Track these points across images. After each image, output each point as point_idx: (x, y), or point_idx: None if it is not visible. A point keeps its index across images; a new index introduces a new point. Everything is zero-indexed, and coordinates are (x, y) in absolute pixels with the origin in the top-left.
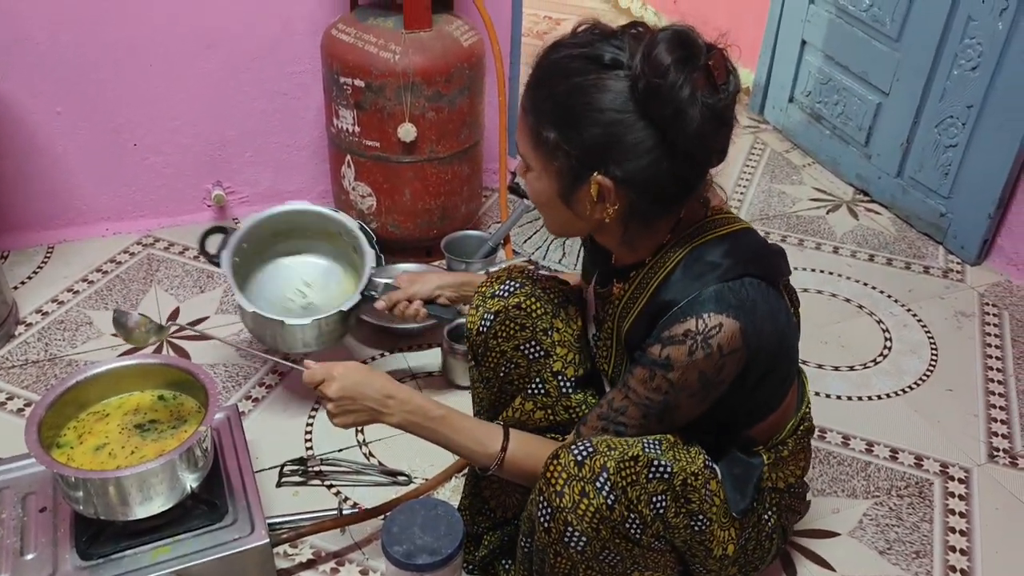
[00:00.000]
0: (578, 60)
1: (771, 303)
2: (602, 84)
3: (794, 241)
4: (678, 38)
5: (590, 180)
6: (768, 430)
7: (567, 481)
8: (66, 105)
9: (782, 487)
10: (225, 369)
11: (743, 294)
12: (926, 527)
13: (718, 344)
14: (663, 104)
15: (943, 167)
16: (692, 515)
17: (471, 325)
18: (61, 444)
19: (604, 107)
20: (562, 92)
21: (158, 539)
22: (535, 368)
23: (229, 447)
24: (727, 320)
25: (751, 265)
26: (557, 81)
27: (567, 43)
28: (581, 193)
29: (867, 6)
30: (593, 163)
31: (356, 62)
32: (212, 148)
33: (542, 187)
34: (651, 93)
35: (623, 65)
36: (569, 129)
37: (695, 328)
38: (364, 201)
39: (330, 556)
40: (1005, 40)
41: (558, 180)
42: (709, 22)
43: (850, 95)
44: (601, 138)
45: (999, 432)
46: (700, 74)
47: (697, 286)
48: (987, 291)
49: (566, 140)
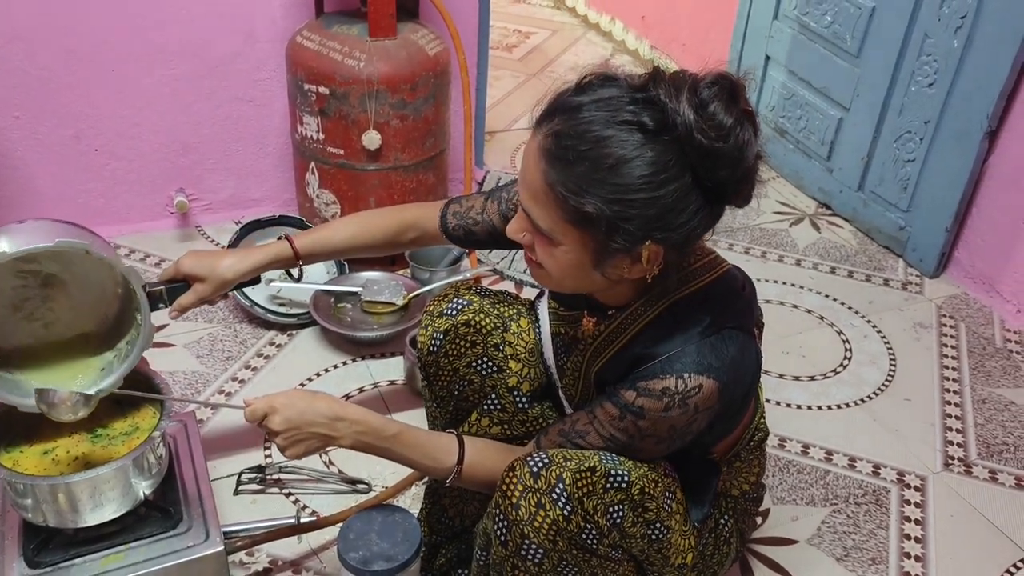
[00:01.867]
0: (616, 127)
1: (748, 354)
2: (653, 151)
3: (757, 253)
4: (731, 91)
5: (639, 249)
6: (725, 448)
7: (523, 493)
8: (24, 110)
9: (736, 494)
10: (184, 376)
11: (724, 353)
12: (882, 534)
13: (695, 404)
14: (724, 167)
15: (902, 181)
16: (649, 524)
17: (421, 345)
18: (10, 448)
19: (659, 178)
20: (610, 167)
21: (109, 547)
22: (489, 383)
23: (185, 454)
24: (707, 381)
25: (730, 318)
26: (600, 156)
27: (591, 105)
28: (621, 260)
29: (828, 23)
30: (647, 234)
31: (320, 69)
32: (175, 154)
33: (574, 258)
34: (710, 156)
35: (669, 126)
36: (624, 206)
37: (674, 387)
38: (328, 209)
39: (287, 564)
40: (960, 57)
41: (597, 251)
42: (676, 37)
43: (812, 110)
44: (659, 209)
45: (954, 441)
46: (751, 124)
47: (678, 342)
48: (944, 303)
49: (623, 217)
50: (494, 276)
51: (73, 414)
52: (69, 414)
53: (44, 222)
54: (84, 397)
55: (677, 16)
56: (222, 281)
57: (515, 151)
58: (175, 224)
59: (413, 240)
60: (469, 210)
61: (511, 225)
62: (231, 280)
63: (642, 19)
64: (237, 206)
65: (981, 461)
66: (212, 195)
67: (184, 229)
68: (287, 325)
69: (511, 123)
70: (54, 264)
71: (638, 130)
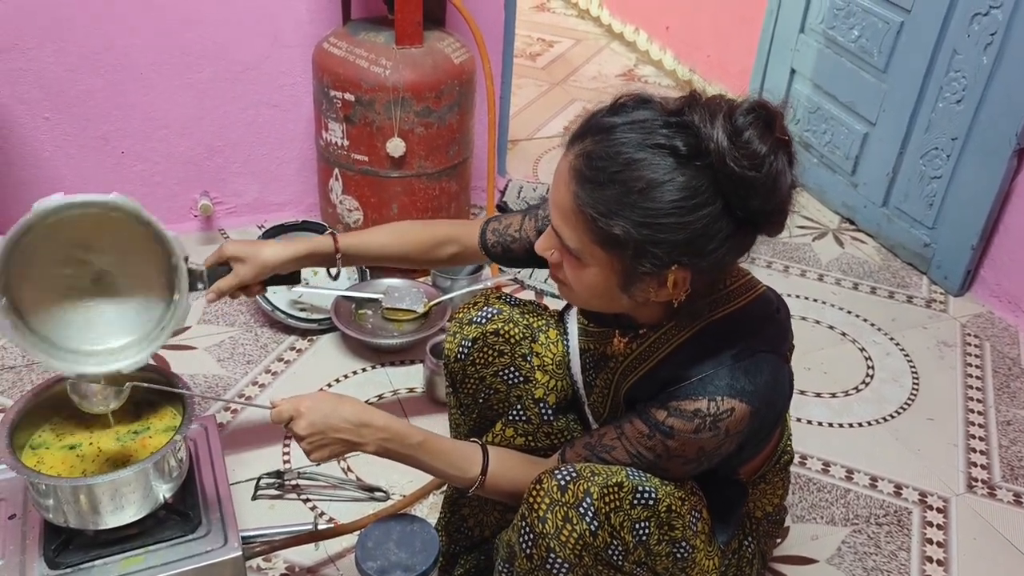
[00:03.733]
0: (648, 151)
1: (781, 379)
2: (685, 175)
3: (780, 268)
4: (767, 120)
5: (667, 274)
6: (752, 470)
7: (550, 507)
8: (54, 112)
9: (759, 516)
10: (205, 380)
11: (757, 377)
12: (904, 556)
13: (726, 427)
14: (756, 196)
15: (928, 198)
16: (675, 542)
17: (449, 352)
18: (36, 445)
19: (690, 204)
20: (641, 190)
21: (129, 549)
22: (515, 394)
23: (205, 458)
24: (739, 405)
25: (764, 342)
26: (631, 179)
27: (624, 127)
28: (648, 282)
29: (855, 37)
30: (675, 259)
31: (347, 76)
32: (200, 158)
33: (597, 280)
34: (743, 184)
35: (702, 152)
36: (653, 231)
37: (706, 410)
38: (351, 215)
39: (304, 571)
40: (989, 74)
41: (625, 273)
42: (701, 48)
43: (838, 124)
44: (689, 234)
45: (978, 463)
46: (786, 154)
47: (710, 365)
48: (969, 322)
49: (652, 241)
50: (515, 285)
51: (105, 405)
52: (101, 405)
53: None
54: (115, 391)
55: (702, 27)
56: (263, 264)
57: (537, 160)
58: (199, 227)
59: (452, 256)
60: (507, 227)
61: (540, 242)
62: (272, 265)
63: (666, 30)
64: (260, 210)
65: (1005, 484)
66: (236, 199)
67: (208, 232)
68: (308, 330)
69: (534, 132)
70: (107, 257)
71: (670, 154)
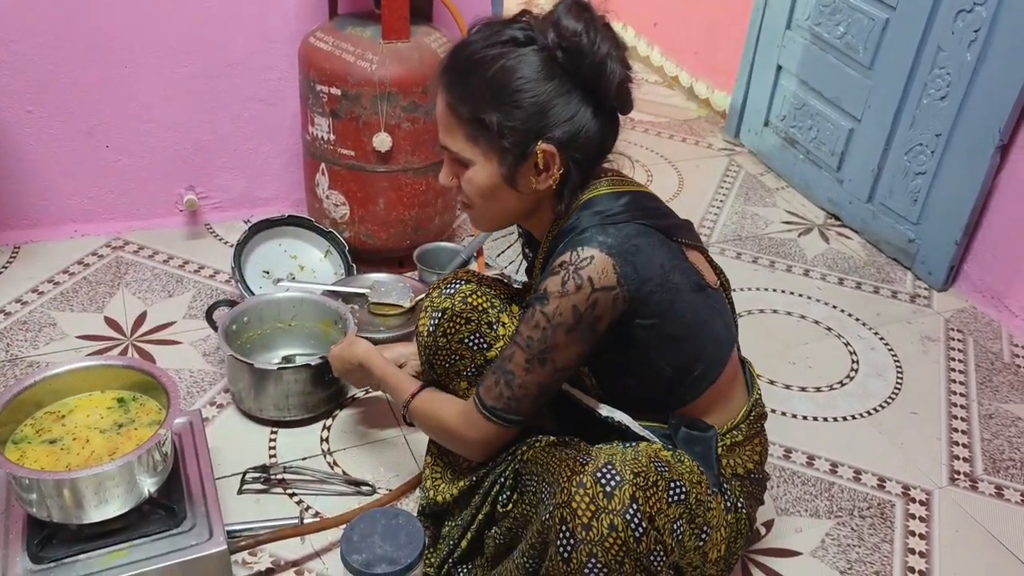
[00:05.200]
0: (495, 46)
1: (658, 253)
2: (526, 58)
3: (765, 263)
4: (577, 5)
5: (534, 151)
6: (715, 410)
7: (595, 514)
8: (37, 105)
9: (742, 472)
10: (190, 374)
11: (623, 235)
12: (887, 548)
13: (588, 276)
14: (587, 63)
15: (912, 193)
16: (699, 529)
17: (422, 328)
18: (18, 440)
19: (533, 77)
20: (492, 75)
21: (113, 543)
22: (480, 358)
23: (190, 452)
24: (598, 254)
25: (642, 215)
26: (483, 67)
27: (475, 38)
28: (524, 168)
29: (841, 33)
30: (536, 132)
31: (333, 70)
32: (186, 152)
33: (486, 175)
34: (573, 55)
35: (537, 40)
36: (508, 106)
37: (568, 260)
38: (338, 210)
39: (289, 564)
40: (973, 70)
41: (503, 162)
42: (688, 45)
43: (823, 120)
44: (538, 106)
45: (961, 456)
46: (607, 31)
47: (585, 222)
48: (953, 317)
49: (508, 116)
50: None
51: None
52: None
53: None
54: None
55: (689, 24)
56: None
57: None
58: (184, 222)
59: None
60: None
61: (441, 177)
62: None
63: (654, 26)
64: (246, 205)
65: (987, 476)
66: (222, 193)
67: (193, 227)
68: None
69: None
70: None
71: (513, 44)
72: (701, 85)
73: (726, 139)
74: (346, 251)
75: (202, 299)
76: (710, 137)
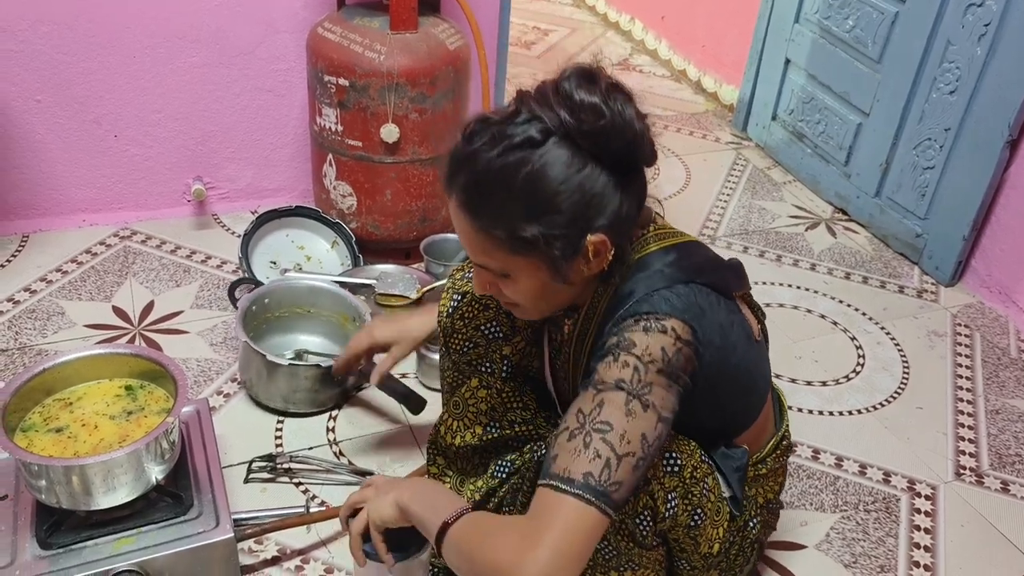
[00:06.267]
0: (511, 152)
1: (719, 313)
2: (549, 156)
3: (772, 257)
4: (587, 76)
5: (584, 246)
6: (744, 444)
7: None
8: (46, 94)
9: (761, 501)
10: (197, 363)
11: (687, 299)
12: (891, 542)
13: (670, 327)
14: (616, 137)
15: (920, 188)
16: (693, 509)
17: (441, 308)
18: (26, 428)
19: (565, 175)
20: (521, 188)
21: (121, 530)
22: (492, 348)
23: (197, 441)
24: (675, 322)
25: (698, 275)
26: (507, 182)
27: (481, 146)
28: (576, 263)
29: (850, 27)
30: (583, 228)
31: (341, 61)
32: (193, 142)
33: (532, 284)
34: (599, 136)
35: (552, 131)
36: (547, 215)
37: (645, 319)
38: (345, 201)
39: (295, 553)
40: (983, 65)
41: (550, 267)
42: (695, 38)
43: (832, 115)
44: (580, 203)
45: (967, 451)
46: (619, 92)
47: (644, 287)
48: (960, 312)
49: (550, 225)
50: None
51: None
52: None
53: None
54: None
55: (697, 17)
56: (415, 340)
57: None
58: (192, 212)
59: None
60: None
61: (475, 287)
62: (422, 338)
63: (662, 19)
64: (254, 195)
65: (993, 472)
66: (229, 184)
67: (200, 217)
68: None
69: None
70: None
71: (529, 146)
72: (709, 79)
73: (733, 133)
74: (353, 242)
75: (209, 289)
76: (717, 131)
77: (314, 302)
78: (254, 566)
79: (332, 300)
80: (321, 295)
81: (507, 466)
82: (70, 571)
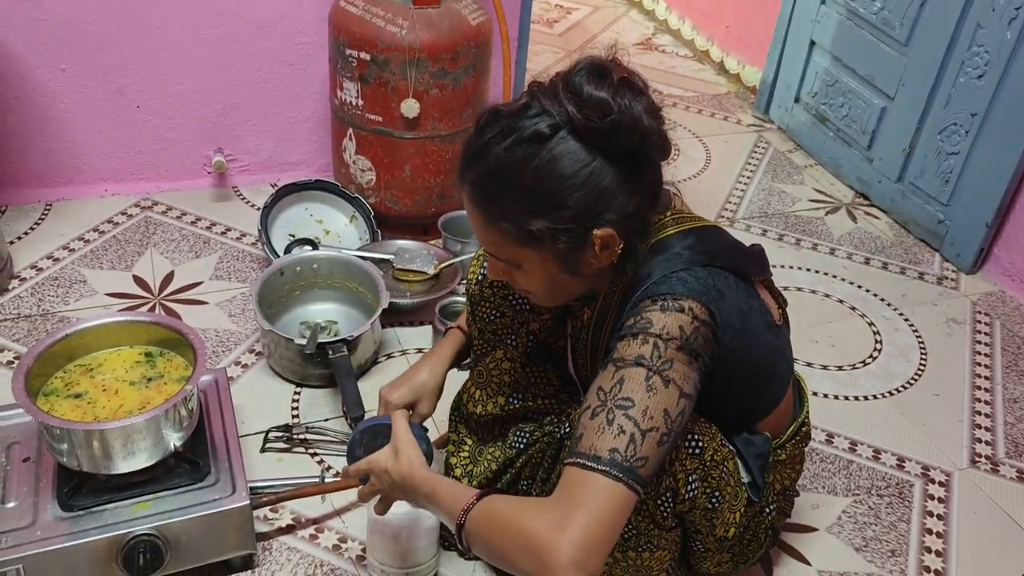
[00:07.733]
0: (519, 145)
1: (738, 297)
2: (557, 150)
3: (791, 240)
4: (597, 71)
5: (591, 239)
6: (764, 430)
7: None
8: (70, 63)
9: (778, 488)
10: (216, 334)
11: (705, 282)
12: (903, 527)
13: (688, 306)
14: (625, 133)
15: (944, 174)
16: (711, 492)
17: (470, 276)
18: (47, 392)
19: (572, 169)
20: (528, 182)
21: (139, 495)
22: (519, 320)
23: (215, 409)
24: (693, 303)
25: (717, 258)
26: (515, 176)
27: (491, 138)
28: (584, 256)
29: (877, 9)
30: (590, 222)
31: (363, 35)
32: (215, 114)
33: (543, 275)
34: (608, 132)
35: (561, 125)
36: (554, 209)
37: (663, 299)
38: (364, 175)
39: (309, 522)
40: (1013, 49)
41: (559, 259)
42: (719, 19)
43: (855, 98)
44: (586, 198)
45: (982, 439)
46: (629, 88)
47: (662, 269)
48: (980, 300)
49: (557, 219)
50: None
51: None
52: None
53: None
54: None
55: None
56: (434, 393)
57: None
58: (212, 183)
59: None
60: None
61: (488, 272)
62: (440, 387)
63: None
64: (274, 168)
65: (1009, 460)
66: (250, 156)
67: (221, 189)
68: None
69: None
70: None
71: (538, 140)
72: (732, 60)
73: (755, 115)
74: (371, 217)
75: (228, 261)
76: (739, 113)
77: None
78: (269, 534)
79: (355, 271)
80: (348, 267)
81: (525, 436)
82: (89, 533)
